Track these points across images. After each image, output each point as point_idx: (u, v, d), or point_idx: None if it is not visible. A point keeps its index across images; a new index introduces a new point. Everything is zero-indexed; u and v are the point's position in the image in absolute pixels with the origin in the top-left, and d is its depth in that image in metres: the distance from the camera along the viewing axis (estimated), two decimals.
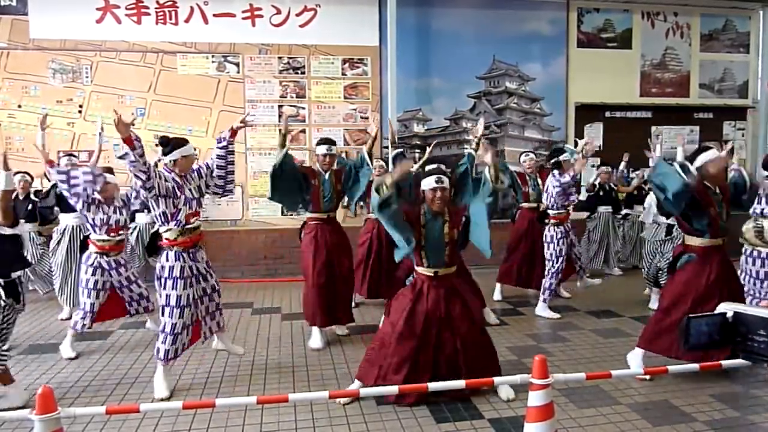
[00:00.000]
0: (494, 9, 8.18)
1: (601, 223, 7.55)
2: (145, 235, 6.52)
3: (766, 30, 8.89)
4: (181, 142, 3.90)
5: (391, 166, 6.01)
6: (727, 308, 2.23)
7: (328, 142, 4.86)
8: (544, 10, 8.32)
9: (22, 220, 6.26)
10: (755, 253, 4.42)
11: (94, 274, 4.57)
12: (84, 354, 4.62)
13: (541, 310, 5.62)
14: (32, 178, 6.40)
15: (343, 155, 6.81)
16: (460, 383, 2.98)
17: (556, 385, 3.19)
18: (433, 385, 2.91)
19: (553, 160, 5.71)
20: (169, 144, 3.87)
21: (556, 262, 5.56)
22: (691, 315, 1.81)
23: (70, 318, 5.20)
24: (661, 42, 8.76)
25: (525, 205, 6.11)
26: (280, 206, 7.73)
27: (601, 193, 7.48)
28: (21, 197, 6.27)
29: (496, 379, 3.07)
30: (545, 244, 5.68)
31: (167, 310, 3.77)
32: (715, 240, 3.85)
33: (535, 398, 2.67)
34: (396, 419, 3.36)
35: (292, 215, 7.60)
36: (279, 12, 7.70)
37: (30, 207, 6.32)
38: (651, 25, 8.70)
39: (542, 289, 5.66)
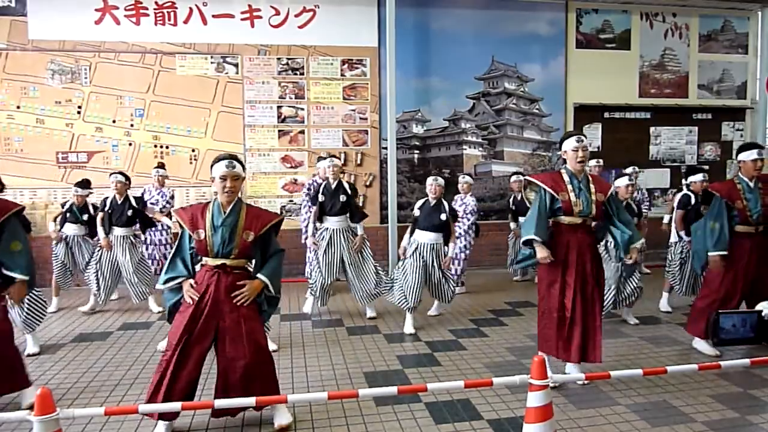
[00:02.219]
0: (493, 10, 8.19)
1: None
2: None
3: (764, 30, 8.91)
4: None
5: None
6: (764, 306, 2.28)
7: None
8: (543, 11, 8.33)
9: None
10: None
11: None
12: (83, 354, 4.62)
13: None
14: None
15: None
16: (458, 384, 2.98)
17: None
18: (432, 386, 2.90)
19: None
20: None
21: None
22: (721, 310, 1.83)
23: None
24: (660, 43, 8.77)
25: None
26: (280, 206, 7.76)
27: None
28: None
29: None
30: None
31: None
32: None
33: (534, 399, 2.68)
34: (395, 420, 3.36)
35: (291, 215, 7.60)
36: (278, 13, 7.70)
37: None
38: (650, 25, 8.72)
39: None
